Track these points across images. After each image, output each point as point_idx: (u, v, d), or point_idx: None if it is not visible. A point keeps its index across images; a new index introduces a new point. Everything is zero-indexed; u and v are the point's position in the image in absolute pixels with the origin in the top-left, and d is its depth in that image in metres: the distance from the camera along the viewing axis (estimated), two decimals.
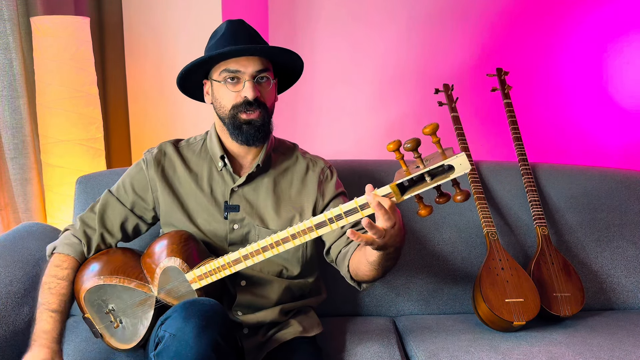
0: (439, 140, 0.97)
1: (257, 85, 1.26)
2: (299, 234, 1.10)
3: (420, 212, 1.02)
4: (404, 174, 1.01)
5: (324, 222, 1.08)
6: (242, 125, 1.27)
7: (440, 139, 0.98)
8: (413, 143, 0.96)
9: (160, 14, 2.29)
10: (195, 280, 1.20)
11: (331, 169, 1.43)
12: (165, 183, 1.35)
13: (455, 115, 1.88)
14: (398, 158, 1.00)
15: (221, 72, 1.27)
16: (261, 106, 1.27)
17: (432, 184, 0.99)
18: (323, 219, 1.07)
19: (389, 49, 2.74)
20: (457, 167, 0.96)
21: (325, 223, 1.07)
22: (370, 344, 1.42)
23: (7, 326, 1.32)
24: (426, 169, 0.98)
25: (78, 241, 1.34)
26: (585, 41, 2.69)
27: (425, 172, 0.98)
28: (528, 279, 1.54)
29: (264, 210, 1.34)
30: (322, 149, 2.76)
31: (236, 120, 1.27)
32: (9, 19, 1.92)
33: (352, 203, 1.04)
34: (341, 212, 1.06)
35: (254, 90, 1.25)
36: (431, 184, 0.99)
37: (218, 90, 1.29)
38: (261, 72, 1.27)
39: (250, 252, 1.15)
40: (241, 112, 1.26)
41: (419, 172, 0.98)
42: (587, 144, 2.78)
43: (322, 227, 1.08)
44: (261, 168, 1.35)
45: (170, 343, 1.05)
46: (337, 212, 1.06)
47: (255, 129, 1.27)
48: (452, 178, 0.98)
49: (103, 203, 1.37)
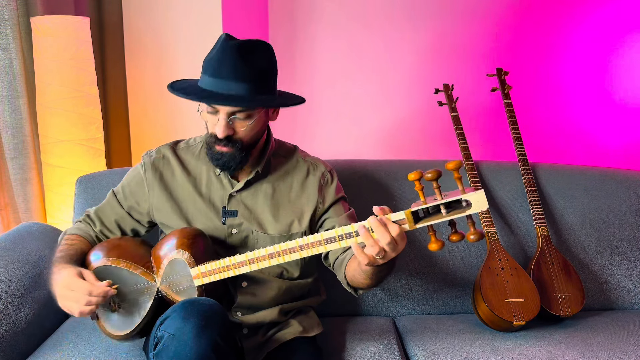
0: (460, 177, 0.99)
1: (234, 121, 1.22)
2: (307, 246, 1.12)
3: (431, 246, 1.04)
4: (421, 203, 1.02)
5: (333, 238, 1.09)
6: (214, 154, 1.26)
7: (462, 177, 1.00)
8: (434, 174, 0.98)
9: (160, 14, 2.29)
10: (198, 277, 1.20)
11: (332, 172, 1.42)
12: (163, 187, 1.35)
13: (455, 115, 1.88)
14: (418, 189, 1.01)
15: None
16: (233, 143, 1.24)
17: (447, 217, 1.00)
18: (333, 235, 1.09)
19: (389, 49, 2.74)
20: (474, 203, 0.98)
21: (335, 239, 1.09)
22: (370, 344, 1.42)
23: (7, 326, 1.32)
24: (443, 200, 0.99)
25: (85, 225, 1.40)
26: (585, 41, 2.69)
27: (441, 204, 1.00)
28: (528, 279, 1.54)
29: (262, 216, 1.33)
30: (322, 149, 2.76)
31: (210, 148, 1.27)
32: (9, 19, 1.92)
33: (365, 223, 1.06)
34: (352, 230, 1.07)
35: (224, 129, 1.21)
36: (446, 217, 1.00)
37: (204, 113, 1.27)
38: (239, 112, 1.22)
39: (257, 256, 1.16)
40: (215, 143, 1.25)
41: (435, 203, 1.00)
42: (587, 143, 2.78)
43: (331, 243, 1.10)
44: (260, 173, 1.34)
45: (169, 343, 1.05)
46: (348, 230, 1.07)
47: (225, 161, 1.26)
48: (468, 214, 0.99)
49: (105, 202, 1.41)
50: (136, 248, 1.32)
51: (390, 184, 1.72)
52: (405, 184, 1.73)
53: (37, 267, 1.51)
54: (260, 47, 1.23)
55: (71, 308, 1.17)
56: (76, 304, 1.16)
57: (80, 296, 1.16)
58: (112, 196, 1.40)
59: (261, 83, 1.22)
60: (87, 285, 1.16)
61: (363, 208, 1.65)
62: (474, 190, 0.98)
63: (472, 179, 1.71)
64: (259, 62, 1.22)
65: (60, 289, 1.18)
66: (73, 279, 1.17)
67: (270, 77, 1.26)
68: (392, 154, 2.79)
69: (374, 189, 1.71)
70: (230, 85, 1.19)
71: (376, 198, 1.70)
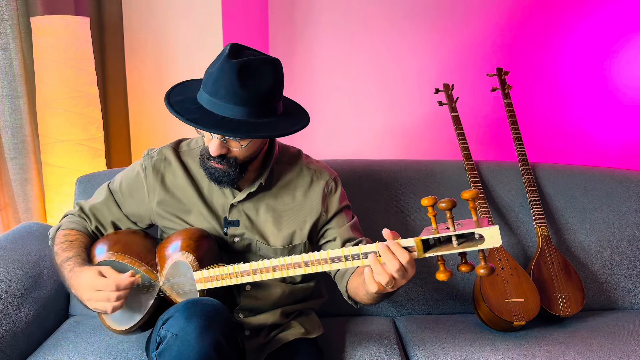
0: (476, 207, 0.94)
1: (228, 141, 1.17)
2: (312, 263, 1.10)
3: (439, 275, 1.00)
4: (432, 231, 0.98)
5: (339, 258, 1.07)
6: (208, 168, 1.22)
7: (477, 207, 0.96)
8: (448, 203, 0.94)
9: (160, 14, 2.29)
10: (201, 281, 1.20)
11: (336, 180, 1.37)
12: (165, 190, 1.32)
13: (455, 115, 1.88)
14: (430, 215, 0.98)
15: None
16: (227, 160, 1.19)
17: (458, 250, 0.97)
18: (339, 255, 1.07)
19: (389, 50, 2.74)
20: (487, 238, 0.94)
21: (341, 259, 1.07)
22: (370, 344, 1.42)
23: (7, 326, 1.32)
24: (455, 232, 0.96)
25: (80, 220, 1.36)
26: (585, 41, 2.69)
27: (453, 235, 0.96)
28: (528, 279, 1.54)
29: (264, 226, 1.31)
30: (322, 149, 2.76)
31: (204, 162, 1.23)
32: (9, 19, 1.92)
33: (373, 246, 1.04)
34: (359, 252, 1.05)
35: (216, 149, 1.17)
36: (457, 249, 0.97)
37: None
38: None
39: (261, 267, 1.14)
40: (208, 158, 1.21)
41: (447, 234, 0.96)
42: (587, 143, 2.78)
43: (337, 262, 1.08)
44: (263, 185, 1.30)
45: (172, 343, 1.05)
46: (355, 252, 1.05)
47: (218, 176, 1.22)
48: (480, 249, 0.95)
49: (101, 202, 1.36)
50: (143, 244, 1.31)
51: (391, 184, 1.72)
52: (405, 185, 1.73)
53: (37, 267, 1.51)
54: (266, 66, 1.14)
55: (104, 307, 1.15)
56: (108, 303, 1.15)
57: (110, 294, 1.14)
58: (109, 196, 1.36)
59: (261, 107, 1.15)
60: (113, 281, 1.14)
61: (363, 208, 1.66)
62: (487, 224, 0.94)
63: (472, 179, 1.71)
64: (262, 83, 1.13)
65: (87, 293, 1.16)
66: (96, 280, 1.15)
67: (274, 98, 1.18)
68: (393, 153, 2.79)
69: (374, 189, 1.71)
70: (226, 108, 1.13)
71: (376, 198, 1.70)
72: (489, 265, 0.97)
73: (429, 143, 2.80)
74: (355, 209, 1.42)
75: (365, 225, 1.43)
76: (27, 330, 1.39)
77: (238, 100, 1.12)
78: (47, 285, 1.52)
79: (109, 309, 1.15)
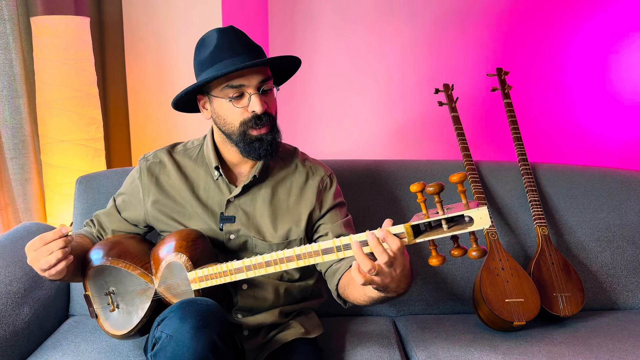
0: (464, 191, 0.94)
1: (263, 97, 1.22)
2: (304, 255, 1.09)
3: (432, 261, 1.00)
4: (422, 217, 0.98)
5: (331, 249, 1.06)
6: (253, 142, 1.24)
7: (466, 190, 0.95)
8: (436, 187, 0.94)
9: (160, 14, 2.29)
10: (195, 281, 1.20)
11: (331, 177, 1.39)
12: (159, 192, 1.34)
13: (455, 115, 1.88)
14: (420, 201, 0.97)
15: (223, 88, 1.21)
16: (270, 118, 1.23)
17: (449, 233, 0.97)
18: (331, 246, 1.06)
19: (389, 50, 2.74)
20: (476, 220, 0.94)
21: (332, 250, 1.06)
22: (370, 344, 1.42)
23: (7, 326, 1.32)
24: (445, 215, 0.95)
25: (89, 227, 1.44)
26: (585, 41, 2.69)
27: (443, 219, 0.96)
28: (528, 279, 1.54)
29: (260, 221, 1.32)
30: (322, 149, 2.77)
31: (247, 137, 1.23)
32: (9, 19, 1.93)
33: (363, 235, 1.03)
34: (350, 241, 1.04)
35: (261, 104, 1.20)
36: (447, 233, 0.97)
37: (221, 107, 1.24)
38: (265, 81, 1.22)
39: (254, 264, 1.14)
40: (250, 128, 1.22)
41: (436, 218, 0.96)
42: (588, 143, 2.78)
43: (329, 254, 1.07)
44: (258, 178, 1.31)
45: (167, 344, 1.05)
46: (346, 242, 1.05)
47: (267, 144, 1.24)
48: (470, 231, 0.95)
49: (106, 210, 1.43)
50: (137, 247, 1.32)
51: (391, 184, 1.72)
52: (405, 185, 1.72)
53: None
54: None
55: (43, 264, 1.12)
56: (43, 259, 1.11)
57: (40, 251, 1.11)
58: (112, 204, 1.42)
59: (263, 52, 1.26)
60: (39, 238, 1.12)
61: (363, 208, 1.66)
62: (477, 206, 0.94)
63: (472, 179, 1.71)
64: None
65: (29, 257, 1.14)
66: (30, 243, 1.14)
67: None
68: (393, 153, 2.79)
69: (374, 189, 1.71)
70: (248, 58, 1.20)
71: (376, 198, 1.70)
72: (481, 247, 0.97)
73: (429, 143, 2.80)
74: (355, 208, 1.42)
75: (365, 225, 1.42)
76: (27, 330, 1.39)
77: (252, 46, 1.23)
78: (47, 285, 1.52)
79: (44, 265, 1.11)
